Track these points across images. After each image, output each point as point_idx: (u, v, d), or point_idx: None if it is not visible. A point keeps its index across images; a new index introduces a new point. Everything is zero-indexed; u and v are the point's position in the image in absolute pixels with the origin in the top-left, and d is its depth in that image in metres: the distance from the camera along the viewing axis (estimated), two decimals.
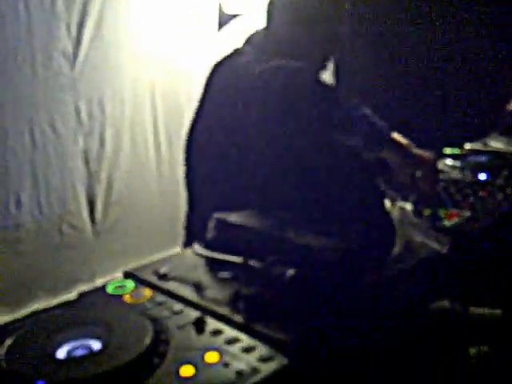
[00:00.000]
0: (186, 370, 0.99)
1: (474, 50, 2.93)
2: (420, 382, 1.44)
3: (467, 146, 2.40)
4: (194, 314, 1.18)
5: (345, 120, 1.45)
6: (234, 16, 2.75)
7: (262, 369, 1.00)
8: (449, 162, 2.18)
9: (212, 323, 1.15)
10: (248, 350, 1.06)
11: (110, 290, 1.32)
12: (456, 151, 2.32)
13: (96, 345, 1.07)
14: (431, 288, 1.48)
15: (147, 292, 1.30)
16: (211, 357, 1.03)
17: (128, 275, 1.42)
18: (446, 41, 3.03)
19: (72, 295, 1.35)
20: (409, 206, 1.67)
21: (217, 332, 1.12)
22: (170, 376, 0.98)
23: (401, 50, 3.17)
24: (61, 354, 1.05)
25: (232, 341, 1.09)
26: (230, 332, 1.12)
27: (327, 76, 3.29)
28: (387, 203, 1.59)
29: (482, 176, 2.01)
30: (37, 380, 0.95)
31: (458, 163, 2.15)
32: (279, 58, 1.44)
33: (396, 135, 1.66)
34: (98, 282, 1.95)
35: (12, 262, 2.20)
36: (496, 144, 2.43)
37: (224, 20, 2.78)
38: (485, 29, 2.88)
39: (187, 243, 1.64)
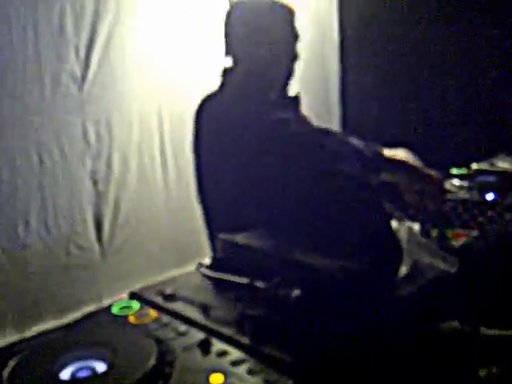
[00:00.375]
0: None
1: (483, 69, 2.94)
2: None
3: (474, 166, 2.40)
4: (199, 335, 1.17)
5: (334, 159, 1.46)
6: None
7: None
8: (456, 182, 2.18)
9: (217, 344, 1.14)
10: (253, 372, 1.05)
11: (115, 310, 1.32)
12: (463, 171, 2.32)
13: (100, 366, 1.06)
14: (440, 309, 1.47)
15: (152, 313, 1.29)
16: (216, 378, 1.02)
17: (133, 296, 1.42)
18: (456, 57, 3.03)
19: (77, 316, 1.35)
20: (416, 226, 1.66)
21: (222, 353, 1.11)
22: None
23: (406, 67, 3.18)
24: (65, 375, 1.05)
25: (237, 362, 1.08)
26: (235, 353, 1.11)
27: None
28: (394, 223, 1.59)
29: (490, 196, 2.00)
30: None
31: (465, 183, 2.15)
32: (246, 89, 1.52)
33: (404, 154, 1.66)
34: (105, 303, 1.95)
35: (19, 282, 2.21)
36: (503, 164, 2.42)
37: None
38: (492, 45, 2.89)
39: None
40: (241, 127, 1.45)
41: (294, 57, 1.64)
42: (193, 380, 1.02)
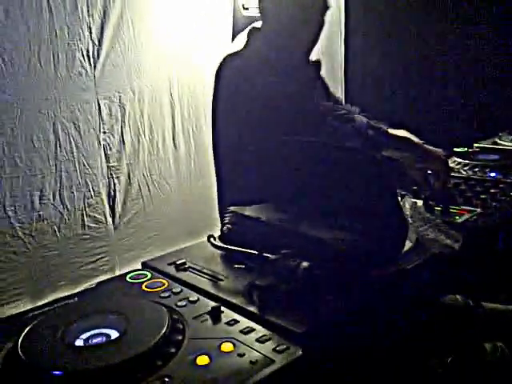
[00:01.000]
0: (201, 359, 1.00)
1: (485, 49, 2.91)
2: (434, 375, 1.45)
3: (477, 144, 2.39)
4: (209, 303, 1.19)
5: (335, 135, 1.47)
6: (249, 19, 2.77)
7: (276, 359, 1.01)
8: (459, 160, 2.18)
9: (227, 313, 1.16)
10: (263, 340, 1.06)
11: (128, 279, 1.35)
12: (466, 150, 2.32)
13: (114, 333, 1.08)
14: (444, 283, 1.48)
15: (164, 282, 1.32)
16: (226, 346, 1.04)
17: (146, 266, 1.45)
18: (457, 40, 3.01)
19: (91, 284, 1.38)
20: (420, 202, 1.67)
21: (232, 322, 1.13)
22: (186, 365, 0.99)
23: (410, 47, 3.15)
24: (79, 341, 1.07)
25: (247, 331, 1.10)
26: (245, 322, 1.13)
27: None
28: (399, 198, 1.60)
29: (493, 174, 2.00)
30: (52, 370, 0.96)
31: (468, 161, 2.15)
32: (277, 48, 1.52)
33: (406, 134, 1.67)
34: (118, 273, 1.99)
35: (36, 253, 2.27)
36: (506, 142, 2.41)
37: (239, 23, 2.83)
38: (495, 28, 2.86)
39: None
40: (261, 91, 1.46)
41: (322, 24, 1.64)
42: (203, 347, 1.04)
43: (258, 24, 1.67)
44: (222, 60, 1.66)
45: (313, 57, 1.72)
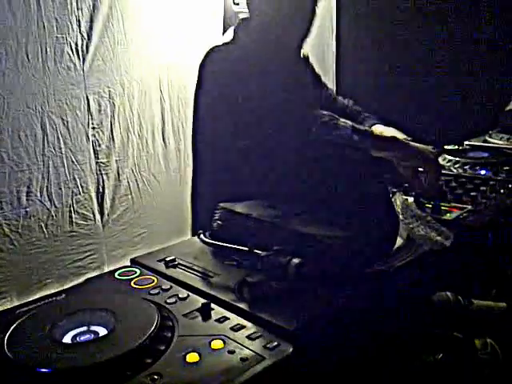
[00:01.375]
0: (191, 357, 0.99)
1: (475, 48, 2.93)
2: (425, 371, 1.45)
3: (467, 142, 2.41)
4: (199, 300, 1.18)
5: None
6: (239, 14, 2.76)
7: (266, 356, 1.00)
8: (450, 157, 2.19)
9: (217, 310, 1.16)
10: (253, 337, 1.06)
11: (116, 276, 1.34)
12: (456, 147, 2.33)
13: (102, 330, 1.08)
14: (434, 280, 1.49)
15: (154, 279, 1.31)
16: (216, 343, 1.03)
17: (135, 262, 1.44)
18: (447, 39, 3.02)
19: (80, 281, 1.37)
20: (411, 199, 1.68)
21: (222, 319, 1.13)
22: (176, 362, 0.98)
23: (400, 48, 3.17)
24: (66, 338, 1.06)
25: (237, 328, 1.09)
26: (235, 319, 1.13)
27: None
28: (390, 195, 1.60)
29: (483, 171, 2.02)
30: (38, 368, 0.95)
31: (458, 159, 2.16)
32: (264, 42, 1.48)
33: (394, 132, 1.66)
34: (107, 270, 1.97)
35: (23, 250, 2.24)
36: (496, 141, 2.43)
37: (230, 19, 2.82)
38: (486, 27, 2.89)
39: (194, 232, 1.65)
40: (249, 86, 1.43)
41: (312, 18, 1.62)
42: (193, 345, 1.03)
43: (247, 14, 1.63)
44: (208, 51, 1.63)
45: (304, 49, 1.70)
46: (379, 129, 1.63)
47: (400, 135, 1.67)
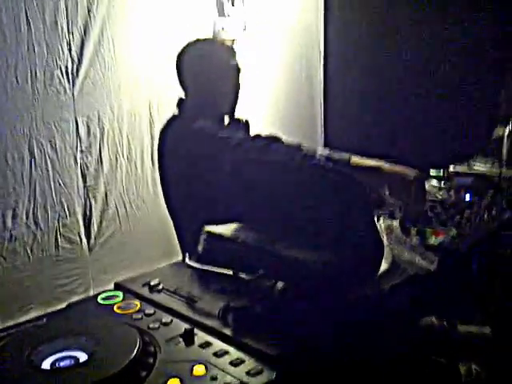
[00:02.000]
0: (173, 383, 0.98)
1: (461, 72, 2.96)
2: None
3: (452, 168, 2.43)
4: (183, 326, 1.18)
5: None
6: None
7: (249, 382, 1.00)
8: (435, 183, 2.21)
9: (201, 336, 1.15)
10: (236, 363, 1.06)
11: (99, 300, 1.33)
12: (441, 173, 2.35)
13: (82, 356, 1.06)
14: (419, 305, 1.49)
15: (137, 303, 1.30)
16: (198, 369, 1.02)
17: (118, 287, 1.43)
18: (435, 63, 3.06)
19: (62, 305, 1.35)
20: (396, 223, 1.68)
21: (205, 344, 1.12)
22: None
23: (388, 74, 3.20)
24: (46, 364, 1.04)
25: (220, 354, 1.09)
26: (218, 345, 1.12)
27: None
28: (375, 220, 1.60)
29: (467, 197, 2.04)
30: None
31: (443, 184, 2.18)
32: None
33: (378, 162, 1.66)
34: (92, 295, 1.95)
35: (7, 273, 2.21)
36: (480, 166, 2.45)
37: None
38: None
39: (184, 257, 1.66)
40: (201, 146, 1.59)
41: (238, 87, 1.82)
42: (175, 371, 1.02)
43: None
44: (166, 122, 1.86)
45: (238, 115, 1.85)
46: (360, 161, 1.63)
47: (385, 165, 1.65)
